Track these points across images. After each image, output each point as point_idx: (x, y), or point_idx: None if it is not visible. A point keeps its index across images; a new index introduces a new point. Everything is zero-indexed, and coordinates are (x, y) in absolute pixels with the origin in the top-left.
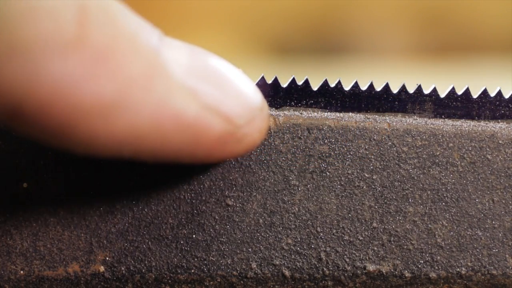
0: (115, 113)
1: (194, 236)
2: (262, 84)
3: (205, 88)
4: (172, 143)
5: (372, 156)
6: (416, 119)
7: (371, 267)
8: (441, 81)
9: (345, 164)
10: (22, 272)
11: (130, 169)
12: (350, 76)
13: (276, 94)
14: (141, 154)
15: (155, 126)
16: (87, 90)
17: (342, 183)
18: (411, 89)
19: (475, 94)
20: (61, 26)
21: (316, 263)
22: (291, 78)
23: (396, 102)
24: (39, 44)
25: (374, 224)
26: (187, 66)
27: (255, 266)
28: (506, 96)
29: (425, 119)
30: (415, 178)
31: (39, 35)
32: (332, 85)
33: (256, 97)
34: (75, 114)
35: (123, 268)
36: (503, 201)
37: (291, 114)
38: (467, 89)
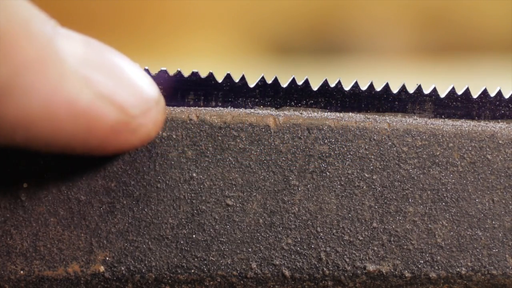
0: (7, 96)
1: (194, 236)
2: (262, 84)
3: (99, 77)
4: (64, 130)
5: (372, 156)
6: (416, 119)
7: (371, 267)
8: (441, 81)
9: (345, 164)
10: (22, 272)
11: (130, 169)
12: (350, 76)
13: (276, 94)
14: (33, 140)
15: (47, 111)
16: None
17: (342, 183)
18: (411, 89)
19: (475, 94)
20: None
21: (316, 263)
22: (291, 78)
23: (396, 102)
24: None
25: (374, 224)
26: (82, 56)
27: (255, 266)
28: (506, 96)
29: (425, 119)
30: (415, 178)
31: None
32: (332, 85)
33: (152, 89)
34: None
35: (123, 268)
36: (503, 201)
37: (291, 114)
38: (467, 89)
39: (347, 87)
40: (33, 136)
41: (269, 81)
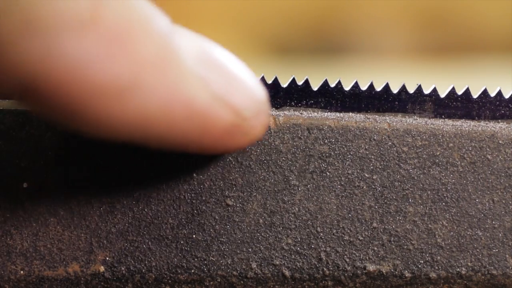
0: (128, 95)
1: (194, 236)
2: (262, 84)
3: (215, 78)
4: (181, 130)
5: (372, 156)
6: (416, 119)
7: (371, 267)
8: (441, 81)
9: (345, 164)
10: (22, 272)
11: (130, 169)
12: (350, 76)
13: (276, 94)
14: (150, 139)
15: (166, 110)
16: (101, 71)
17: (342, 183)
18: (411, 89)
19: (475, 94)
20: (77, 6)
21: (316, 263)
22: (291, 78)
23: (396, 102)
24: (55, 22)
25: (374, 224)
26: (198, 55)
27: (255, 266)
28: (506, 96)
29: (425, 119)
30: (415, 178)
31: (55, 13)
32: (332, 85)
33: (261, 91)
34: (89, 94)
35: (123, 268)
36: (503, 201)
37: (291, 114)
38: (467, 89)
39: (347, 87)
40: (149, 135)
41: (269, 81)
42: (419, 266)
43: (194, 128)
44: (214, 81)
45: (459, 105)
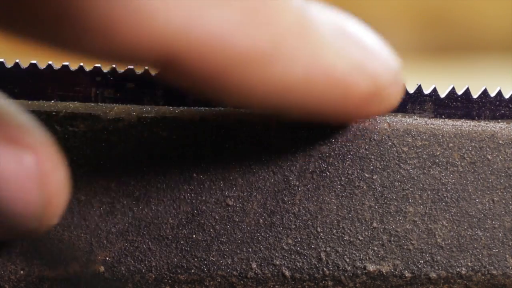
0: (269, 63)
1: (194, 236)
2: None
3: (352, 48)
4: (321, 98)
5: (372, 156)
6: (416, 119)
7: (371, 267)
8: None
9: (345, 164)
10: (22, 272)
11: (130, 169)
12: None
13: None
14: (290, 107)
15: (307, 78)
16: (243, 38)
17: (342, 183)
18: (411, 89)
19: (475, 94)
20: None
21: (316, 263)
22: None
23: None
24: None
25: (374, 224)
26: (334, 26)
27: (255, 266)
28: (506, 96)
29: (425, 119)
30: (415, 178)
31: None
32: None
33: (395, 60)
34: (230, 62)
35: (123, 268)
36: (503, 201)
37: None
38: (467, 89)
39: None
40: (289, 103)
41: None
42: (419, 266)
43: (334, 96)
44: (352, 50)
45: (459, 105)
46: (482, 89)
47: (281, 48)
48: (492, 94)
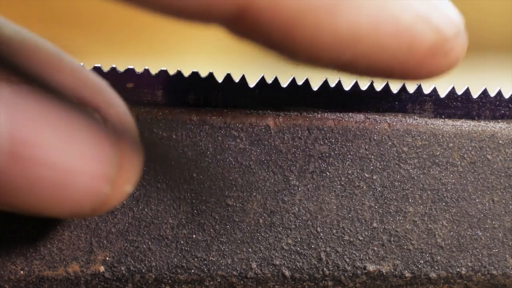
0: (338, 11)
1: (194, 236)
2: (262, 84)
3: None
4: (388, 48)
5: (372, 156)
6: (416, 119)
7: (371, 267)
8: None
9: (345, 164)
10: (22, 272)
11: None
12: (350, 76)
13: (276, 94)
14: (359, 59)
15: (375, 27)
16: None
17: (342, 183)
18: (411, 89)
19: (475, 94)
20: None
21: (316, 263)
22: (291, 78)
23: (396, 102)
24: None
25: (374, 224)
26: None
27: (255, 266)
28: (506, 96)
29: (425, 119)
30: (415, 178)
31: None
32: (332, 85)
33: (459, 15)
34: (303, 9)
35: (123, 268)
36: (503, 201)
37: (291, 114)
38: (467, 89)
39: (347, 87)
40: (359, 54)
41: (269, 81)
42: (419, 266)
43: (400, 46)
44: (416, 2)
45: (459, 105)
46: (482, 89)
47: None
48: (492, 94)
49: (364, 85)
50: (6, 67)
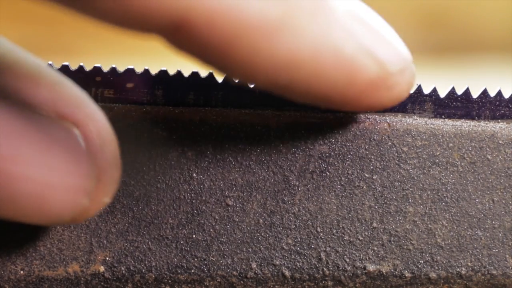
0: (278, 34)
1: (194, 236)
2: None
3: (363, 31)
4: (328, 77)
5: (372, 156)
6: (416, 119)
7: (371, 267)
8: (441, 81)
9: (345, 164)
10: (22, 272)
11: (130, 169)
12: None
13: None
14: (296, 84)
15: (315, 55)
16: (254, 7)
17: (342, 183)
18: (411, 89)
19: (475, 94)
20: None
21: (316, 263)
22: None
23: None
24: None
25: (374, 224)
26: (347, 8)
27: (255, 266)
28: (506, 96)
29: (425, 119)
30: (415, 178)
31: None
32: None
33: (407, 50)
34: (240, 30)
35: (123, 268)
36: (503, 201)
37: (291, 114)
38: (467, 89)
39: None
40: (297, 78)
41: None
42: (419, 266)
43: (340, 76)
44: (362, 34)
45: (459, 105)
46: (482, 89)
47: (292, 21)
48: (492, 94)
49: None
50: None
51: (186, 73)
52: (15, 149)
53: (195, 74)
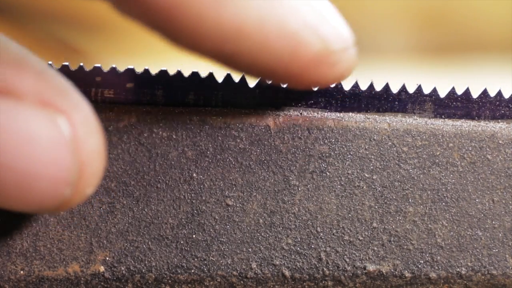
0: (224, 3)
1: (194, 236)
2: (262, 84)
3: (307, 9)
4: (272, 49)
5: (372, 156)
6: (416, 119)
7: (371, 267)
8: (441, 81)
9: (345, 164)
10: (22, 272)
11: (130, 169)
12: (350, 76)
13: (276, 94)
14: (241, 55)
15: (260, 26)
16: None
17: (342, 183)
18: (411, 89)
19: (475, 94)
20: None
21: (316, 263)
22: None
23: (396, 102)
24: None
25: (374, 224)
26: None
27: (255, 266)
28: (506, 96)
29: (425, 119)
30: (415, 178)
31: None
32: (332, 85)
33: (349, 32)
34: None
35: (123, 268)
36: (503, 201)
37: (291, 114)
38: (467, 89)
39: (347, 87)
40: (242, 49)
41: (269, 81)
42: (419, 266)
43: (284, 49)
44: (307, 10)
45: (459, 105)
46: (482, 89)
47: None
48: (492, 94)
49: (364, 85)
50: None
51: (186, 73)
52: None
53: (195, 74)
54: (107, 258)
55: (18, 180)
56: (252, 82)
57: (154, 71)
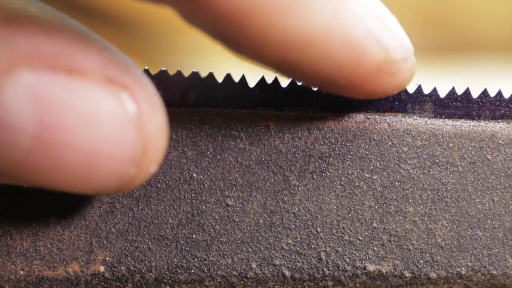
0: (292, 11)
1: (194, 236)
2: (262, 84)
3: (371, 18)
4: (335, 59)
5: (372, 156)
6: (416, 119)
7: (371, 267)
8: (441, 81)
9: (345, 164)
10: (22, 272)
11: None
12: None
13: (276, 94)
14: (304, 64)
15: (325, 35)
16: None
17: (342, 183)
18: (411, 89)
19: (475, 94)
20: None
21: (316, 263)
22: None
23: (396, 102)
24: None
25: (374, 224)
26: None
27: (255, 266)
28: (506, 96)
29: (425, 119)
30: (415, 178)
31: None
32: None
33: (409, 41)
34: (255, 4)
35: (123, 268)
36: (503, 201)
37: (291, 114)
38: (467, 89)
39: None
40: (306, 57)
41: (269, 81)
42: (419, 266)
43: (347, 58)
44: (370, 20)
45: (459, 105)
46: (482, 89)
47: (304, 1)
48: (492, 94)
49: None
50: (30, 51)
51: (186, 73)
52: (61, 118)
53: (195, 74)
54: (107, 258)
55: (83, 160)
56: (252, 82)
57: (154, 71)
